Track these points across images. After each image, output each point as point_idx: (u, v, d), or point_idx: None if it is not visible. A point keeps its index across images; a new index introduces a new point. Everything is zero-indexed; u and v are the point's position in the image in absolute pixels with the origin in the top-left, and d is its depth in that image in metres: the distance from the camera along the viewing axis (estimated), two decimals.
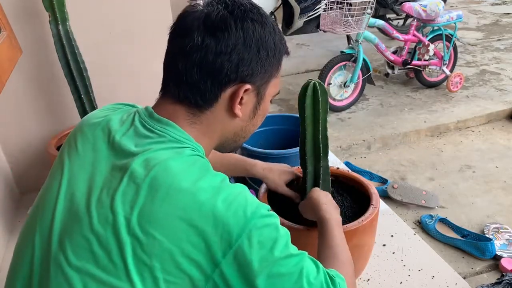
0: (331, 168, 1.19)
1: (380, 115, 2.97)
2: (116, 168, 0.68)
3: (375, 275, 1.31)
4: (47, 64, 1.67)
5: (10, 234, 1.52)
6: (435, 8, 2.95)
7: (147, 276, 0.61)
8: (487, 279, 1.65)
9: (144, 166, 0.66)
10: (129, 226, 0.62)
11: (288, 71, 3.76)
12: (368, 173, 2.31)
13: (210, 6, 0.73)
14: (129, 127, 0.74)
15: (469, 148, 2.65)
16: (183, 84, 0.73)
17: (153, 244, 0.61)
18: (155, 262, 0.61)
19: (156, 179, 0.65)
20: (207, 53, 0.70)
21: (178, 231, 0.62)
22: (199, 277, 0.63)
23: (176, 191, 0.64)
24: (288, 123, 1.77)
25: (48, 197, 0.72)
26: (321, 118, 1.02)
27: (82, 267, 0.63)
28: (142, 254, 0.62)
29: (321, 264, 0.74)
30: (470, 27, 5.05)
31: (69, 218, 0.67)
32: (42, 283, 0.66)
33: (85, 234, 0.64)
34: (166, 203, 0.63)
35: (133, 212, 0.63)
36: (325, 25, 2.77)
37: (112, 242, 0.62)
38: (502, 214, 2.03)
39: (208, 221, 0.62)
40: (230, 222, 0.63)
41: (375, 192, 1.18)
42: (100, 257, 0.63)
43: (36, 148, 1.77)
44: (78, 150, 0.74)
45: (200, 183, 0.65)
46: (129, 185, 0.65)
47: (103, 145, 0.73)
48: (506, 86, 3.37)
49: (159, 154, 0.68)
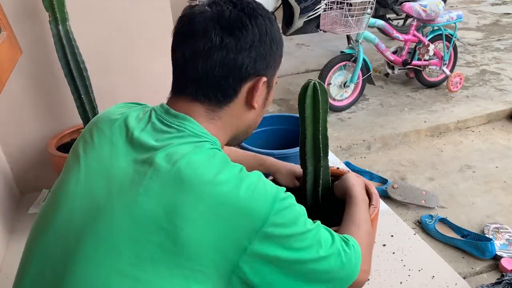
0: (331, 168, 1.19)
1: (380, 115, 2.97)
2: (138, 162, 0.70)
3: (375, 275, 1.31)
4: (47, 64, 1.67)
5: (10, 234, 1.52)
6: (435, 8, 2.95)
7: (173, 267, 0.63)
8: (487, 279, 1.65)
9: (167, 160, 0.68)
10: (155, 218, 0.64)
11: (288, 71, 3.76)
12: (368, 173, 2.31)
13: (217, 6, 0.75)
14: (146, 123, 0.76)
15: (469, 148, 2.65)
16: (203, 83, 0.75)
17: (179, 235, 0.63)
18: (181, 253, 0.63)
19: (180, 172, 0.66)
20: (228, 52, 0.73)
21: (204, 222, 0.64)
22: (225, 265, 0.65)
23: (200, 183, 0.66)
24: (288, 123, 1.77)
25: (64, 191, 0.72)
26: (321, 118, 1.02)
27: (103, 263, 0.63)
28: (168, 245, 0.63)
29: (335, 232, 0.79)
30: (470, 27, 5.05)
31: (88, 214, 0.67)
32: (58, 275, 0.65)
33: (106, 228, 0.65)
34: (191, 196, 0.65)
35: (159, 205, 0.64)
36: (325, 25, 2.77)
37: (138, 235, 0.63)
38: (502, 214, 2.03)
39: (232, 211, 0.65)
40: (255, 209, 0.66)
41: (375, 192, 1.18)
42: (123, 251, 0.63)
43: (36, 148, 1.77)
44: (95, 145, 0.75)
45: (222, 175, 0.67)
46: (152, 178, 0.67)
47: (120, 140, 0.74)
48: (506, 86, 3.37)
49: (181, 149, 0.70)
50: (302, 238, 0.71)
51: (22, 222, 1.59)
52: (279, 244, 0.68)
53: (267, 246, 0.67)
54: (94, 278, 0.63)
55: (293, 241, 0.69)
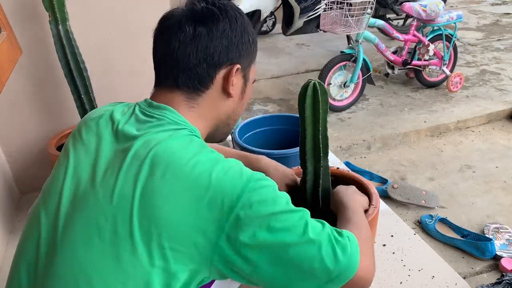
0: (331, 168, 1.19)
1: (380, 115, 2.97)
2: (120, 151, 0.74)
3: (375, 275, 1.31)
4: (47, 64, 1.67)
5: (10, 234, 1.52)
6: (435, 8, 2.95)
7: (153, 247, 0.65)
8: (487, 279, 1.65)
9: (145, 146, 0.72)
10: (133, 199, 0.67)
11: (288, 71, 3.76)
12: (368, 173, 2.31)
13: (191, 5, 0.82)
14: (130, 116, 0.81)
15: (469, 148, 2.65)
16: (181, 71, 0.81)
17: (158, 215, 0.66)
18: (160, 232, 0.65)
19: (157, 156, 0.70)
20: (201, 40, 0.79)
21: (181, 201, 0.66)
22: (204, 244, 0.66)
23: (176, 165, 0.69)
24: (288, 123, 1.77)
25: (54, 184, 0.76)
26: (321, 118, 1.02)
27: (88, 243, 0.66)
28: (147, 225, 0.65)
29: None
30: (470, 27, 5.05)
31: (76, 200, 0.71)
32: (49, 260, 0.69)
33: (91, 211, 0.69)
34: (167, 176, 0.68)
35: (136, 187, 0.68)
36: (325, 25, 2.77)
37: (118, 215, 0.66)
38: (502, 214, 2.03)
39: (207, 190, 0.67)
40: (228, 187, 0.68)
41: (375, 192, 1.18)
42: (105, 231, 0.66)
43: (36, 148, 1.78)
44: (83, 139, 0.80)
45: (197, 157, 0.71)
46: (132, 163, 0.71)
47: (106, 132, 0.79)
48: (506, 86, 3.37)
49: (158, 135, 0.74)
50: (284, 218, 0.69)
51: (22, 222, 1.59)
52: (257, 224, 0.67)
53: (246, 226, 0.66)
54: (80, 262, 0.66)
55: (274, 221, 0.68)
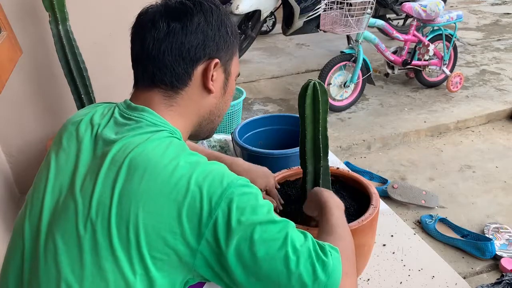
0: (331, 168, 1.19)
1: (380, 115, 2.97)
2: (98, 157, 0.72)
3: (375, 275, 1.31)
4: (47, 64, 1.67)
5: (10, 234, 1.52)
6: (435, 8, 2.95)
7: (133, 254, 0.63)
8: (487, 279, 1.65)
9: (123, 150, 0.70)
10: (111, 206, 0.65)
11: (288, 71, 3.76)
12: (368, 173, 2.31)
13: (165, 0, 0.80)
14: (109, 119, 0.79)
15: (469, 148, 2.65)
16: (157, 69, 0.78)
17: (136, 221, 0.64)
18: (140, 239, 0.63)
19: (134, 160, 0.68)
20: (175, 36, 0.76)
21: (159, 207, 0.64)
22: (185, 251, 0.65)
23: (154, 169, 0.67)
24: (288, 123, 1.77)
25: (35, 194, 0.74)
26: (321, 118, 1.02)
27: (69, 253, 0.65)
28: (126, 232, 0.64)
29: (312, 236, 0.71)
30: (470, 27, 5.04)
31: (57, 209, 0.70)
32: (33, 271, 0.68)
33: (71, 220, 0.67)
34: (145, 181, 0.66)
35: (114, 193, 0.66)
36: (325, 25, 2.77)
37: (97, 224, 0.65)
38: (502, 214, 2.03)
39: (186, 195, 0.64)
40: (207, 192, 0.65)
41: (375, 192, 1.18)
42: (85, 240, 0.65)
43: (36, 148, 1.77)
44: (63, 146, 0.78)
45: (176, 160, 0.68)
46: (109, 169, 0.69)
47: (86, 137, 0.77)
48: (506, 86, 3.37)
49: (136, 139, 0.72)
50: (263, 229, 0.65)
51: None
52: (235, 233, 0.64)
53: (224, 234, 0.64)
54: (62, 273, 0.65)
55: (252, 231, 0.64)
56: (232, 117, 2.08)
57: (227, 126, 2.09)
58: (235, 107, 2.06)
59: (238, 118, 2.14)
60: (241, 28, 3.49)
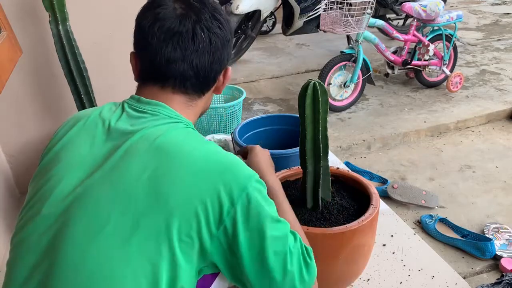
0: (331, 168, 1.19)
1: (380, 115, 2.97)
2: (117, 147, 0.73)
3: (375, 275, 1.31)
4: (47, 64, 1.67)
5: (11, 234, 1.52)
6: (435, 8, 2.95)
7: (162, 237, 0.65)
8: (487, 279, 1.65)
9: (146, 138, 0.73)
10: (139, 189, 0.67)
11: (288, 71, 3.76)
12: (368, 173, 2.31)
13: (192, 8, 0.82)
14: (121, 113, 0.81)
15: (469, 148, 2.65)
16: (195, 78, 0.82)
17: (166, 203, 0.66)
18: (169, 223, 0.65)
19: (160, 146, 0.71)
20: (216, 50, 0.82)
21: (188, 185, 0.68)
22: (206, 237, 0.68)
23: (181, 152, 0.71)
24: (288, 123, 1.77)
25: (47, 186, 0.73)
26: (321, 118, 1.02)
27: (95, 236, 0.65)
28: (155, 215, 0.65)
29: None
30: (470, 27, 5.04)
31: (73, 198, 0.70)
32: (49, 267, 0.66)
33: (96, 205, 0.68)
34: (175, 164, 0.69)
35: (143, 177, 0.68)
36: (325, 25, 2.77)
37: (124, 207, 0.66)
38: (502, 214, 2.03)
39: (216, 179, 0.69)
40: (230, 184, 0.69)
41: (375, 192, 1.18)
42: (110, 226, 0.66)
43: (36, 148, 1.77)
44: (73, 141, 0.78)
45: (202, 146, 0.74)
46: (133, 155, 0.71)
47: (97, 131, 0.78)
48: (506, 86, 3.37)
49: (157, 129, 0.75)
50: (274, 227, 0.72)
51: None
52: (251, 225, 0.70)
53: (242, 224, 0.69)
54: (85, 257, 0.65)
55: (267, 227, 0.71)
56: (232, 117, 2.08)
57: (227, 126, 2.09)
58: (235, 107, 2.06)
59: (238, 118, 2.14)
60: (241, 28, 3.49)
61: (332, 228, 1.06)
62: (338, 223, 1.11)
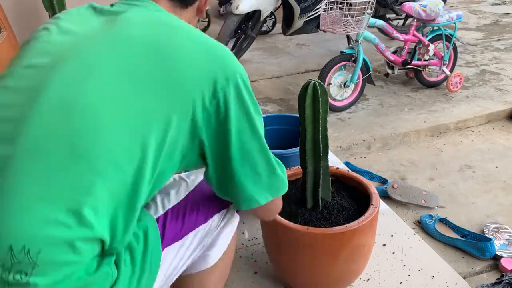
0: (331, 168, 1.19)
1: (380, 115, 2.97)
2: (112, 18, 0.77)
3: (375, 275, 1.31)
4: None
5: None
6: (435, 8, 2.95)
7: (168, 92, 0.71)
8: (487, 279, 1.65)
9: (141, 12, 0.78)
10: (147, 47, 0.73)
11: (288, 71, 3.76)
12: (368, 173, 2.31)
13: None
14: (110, 5, 0.84)
15: (469, 148, 2.65)
16: None
17: (172, 66, 0.72)
18: (172, 79, 0.71)
19: (161, 19, 0.78)
20: None
21: (195, 58, 0.74)
22: (200, 112, 0.74)
23: (183, 29, 0.78)
24: (288, 123, 1.77)
25: (43, 43, 0.77)
26: (321, 118, 1.02)
27: (90, 76, 0.70)
28: (162, 74, 0.71)
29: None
30: (470, 27, 5.04)
31: (71, 45, 0.74)
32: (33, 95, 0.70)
33: (91, 55, 0.72)
34: (177, 35, 0.76)
35: (150, 38, 0.74)
36: (325, 25, 2.77)
37: (130, 66, 0.71)
38: (502, 214, 2.03)
39: (219, 61, 0.76)
40: (232, 64, 0.77)
41: (375, 192, 1.18)
42: (116, 78, 0.70)
43: None
44: (65, 19, 0.82)
45: (201, 33, 0.80)
46: (131, 23, 0.76)
47: (88, 13, 0.82)
48: (506, 86, 3.37)
49: (150, 12, 0.80)
50: (259, 121, 0.82)
51: None
52: (242, 108, 0.78)
53: (235, 103, 0.76)
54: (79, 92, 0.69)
55: (253, 118, 0.80)
56: None
57: None
58: None
59: None
60: (241, 28, 3.49)
61: (332, 228, 1.07)
62: (338, 223, 1.12)
